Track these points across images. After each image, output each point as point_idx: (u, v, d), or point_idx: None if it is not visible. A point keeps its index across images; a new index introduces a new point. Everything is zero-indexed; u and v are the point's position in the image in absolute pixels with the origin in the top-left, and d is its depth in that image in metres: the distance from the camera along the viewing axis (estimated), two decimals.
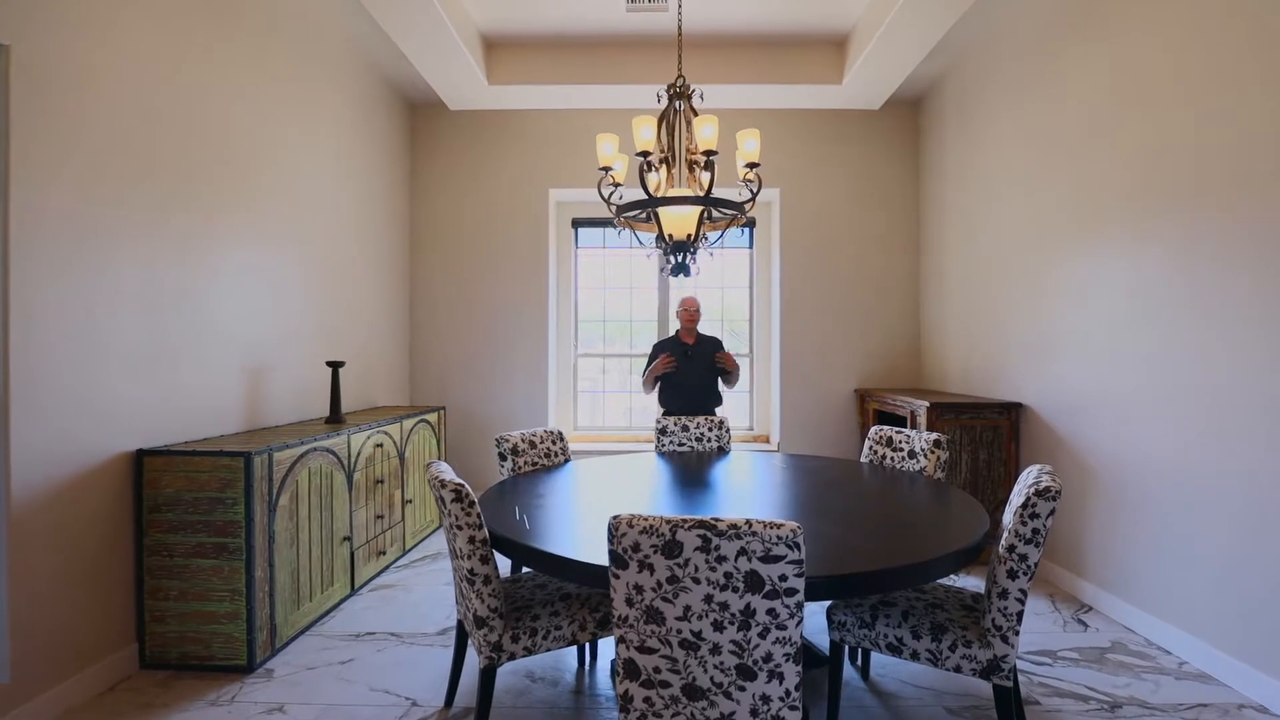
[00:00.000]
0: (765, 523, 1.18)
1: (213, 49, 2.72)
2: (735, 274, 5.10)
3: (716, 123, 2.08)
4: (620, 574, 1.26)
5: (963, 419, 3.42)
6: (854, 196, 4.66)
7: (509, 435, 2.67)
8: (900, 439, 2.70)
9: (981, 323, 3.82)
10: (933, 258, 4.46)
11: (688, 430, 3.27)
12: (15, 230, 1.93)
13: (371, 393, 4.24)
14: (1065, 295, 3.05)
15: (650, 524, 1.22)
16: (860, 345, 4.68)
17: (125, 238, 2.29)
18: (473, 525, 1.67)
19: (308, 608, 2.66)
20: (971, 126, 3.90)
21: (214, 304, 2.75)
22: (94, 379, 2.18)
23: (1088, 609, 2.84)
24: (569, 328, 5.08)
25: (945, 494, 2.17)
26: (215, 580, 2.32)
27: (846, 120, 4.63)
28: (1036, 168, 3.27)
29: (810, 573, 1.36)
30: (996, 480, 3.44)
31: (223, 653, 2.32)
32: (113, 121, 2.26)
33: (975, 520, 1.80)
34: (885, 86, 4.18)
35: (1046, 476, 1.62)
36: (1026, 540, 1.55)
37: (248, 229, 2.97)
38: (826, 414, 4.68)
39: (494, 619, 1.72)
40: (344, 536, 2.96)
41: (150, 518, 2.33)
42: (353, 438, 3.04)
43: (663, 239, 2.29)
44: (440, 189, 4.77)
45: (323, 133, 3.60)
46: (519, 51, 4.16)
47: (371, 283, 4.24)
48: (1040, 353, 3.25)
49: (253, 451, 2.31)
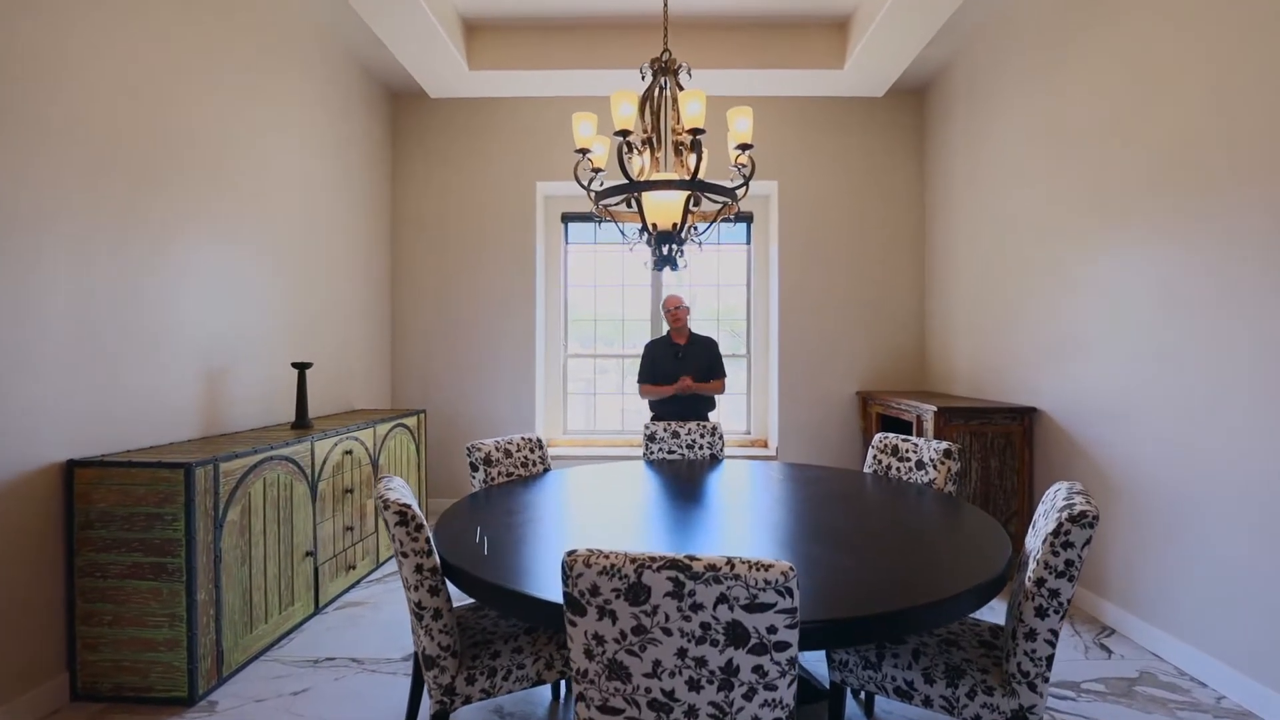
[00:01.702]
0: (750, 563, 0.97)
1: (169, 32, 2.51)
2: (732, 271, 4.88)
3: (704, 98, 1.86)
4: (577, 621, 1.05)
5: (973, 424, 3.20)
6: (856, 189, 4.44)
7: (481, 443, 2.45)
8: (907, 448, 2.48)
9: (992, 321, 3.60)
10: (939, 253, 4.24)
11: (678, 436, 3.06)
12: None
13: (349, 395, 4.02)
14: (1085, 291, 2.83)
15: (611, 563, 1.00)
16: (862, 345, 4.46)
17: (57, 231, 2.08)
18: (420, 552, 1.46)
19: (262, 630, 2.45)
20: (982, 114, 3.68)
21: (165, 302, 2.53)
22: (14, 383, 1.97)
23: (1110, 632, 2.62)
24: (559, 327, 4.86)
25: (958, 511, 1.95)
26: (153, 604, 2.11)
27: (848, 108, 4.41)
28: (1054, 156, 3.05)
29: (805, 616, 1.15)
30: (1009, 491, 3.22)
31: (162, 684, 2.11)
32: (59, 115, 2.05)
33: (996, 545, 1.58)
34: (889, 72, 3.96)
35: (1080, 499, 1.40)
36: (1058, 573, 1.33)
37: (206, 223, 2.75)
38: (827, 417, 4.46)
39: (445, 658, 1.50)
40: (306, 551, 2.74)
41: (82, 535, 2.12)
42: (317, 444, 2.83)
43: (646, 229, 2.08)
44: (424, 182, 4.55)
45: (292, 122, 3.38)
46: (501, 35, 3.94)
47: (349, 280, 4.03)
48: (1057, 353, 3.03)
49: (194, 463, 2.10)
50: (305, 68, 3.49)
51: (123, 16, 2.33)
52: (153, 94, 2.46)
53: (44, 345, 2.05)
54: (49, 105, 2.06)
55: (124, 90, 2.34)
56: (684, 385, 3.49)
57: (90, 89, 2.20)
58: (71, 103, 2.14)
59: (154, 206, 2.48)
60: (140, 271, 2.41)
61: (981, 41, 3.64)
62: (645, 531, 1.87)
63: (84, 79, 2.18)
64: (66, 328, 2.13)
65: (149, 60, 2.45)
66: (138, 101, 2.40)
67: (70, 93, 2.13)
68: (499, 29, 3.93)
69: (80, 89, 2.17)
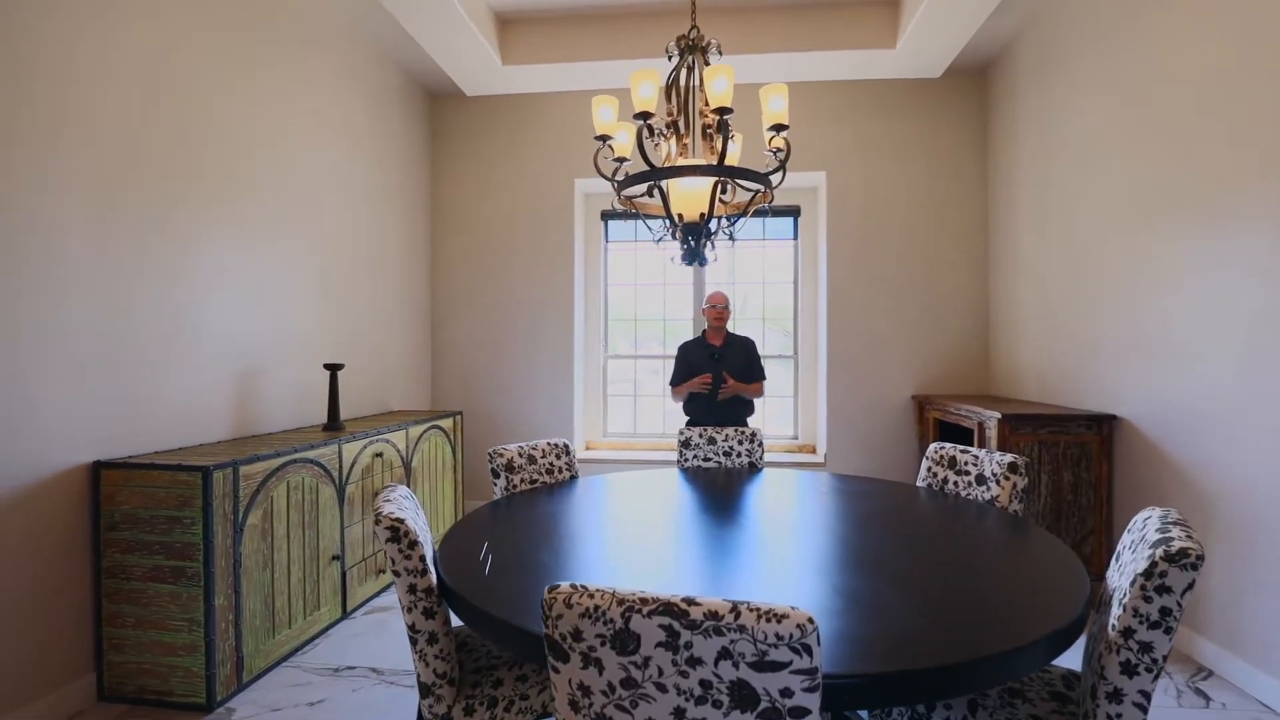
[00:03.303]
0: (760, 611, 0.80)
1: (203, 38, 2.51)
2: (778, 268, 4.65)
3: (732, 74, 1.68)
4: (560, 668, 0.91)
5: (1042, 433, 2.89)
6: (911, 178, 4.14)
7: (504, 449, 2.34)
8: (966, 460, 2.23)
9: (1065, 319, 3.25)
10: (1005, 245, 3.90)
11: (714, 443, 2.88)
12: None
13: (389, 396, 4.02)
14: (1179, 283, 2.49)
15: (595, 604, 0.85)
16: (919, 345, 4.15)
17: (84, 234, 2.09)
18: (413, 571, 1.35)
19: (285, 635, 2.42)
20: (1053, 92, 3.34)
21: (198, 304, 2.54)
22: (42, 385, 1.98)
23: (1207, 675, 2.29)
24: (598, 328, 4.74)
25: (1026, 535, 1.71)
26: (173, 608, 2.09)
27: (901, 92, 4.11)
28: (1141, 132, 2.71)
29: (836, 668, 0.97)
30: (1084, 508, 2.89)
31: (181, 688, 2.09)
32: (89, 117, 2.06)
33: (1072, 581, 1.35)
34: (946, 50, 3.65)
35: (1179, 531, 1.16)
36: (1151, 623, 1.10)
37: (241, 225, 2.76)
38: (880, 423, 4.17)
39: (441, 686, 1.39)
40: (333, 555, 2.71)
41: (108, 536, 2.12)
42: (345, 447, 2.80)
43: (671, 220, 1.92)
44: (462, 182, 4.52)
45: (329, 124, 3.38)
46: (534, 27, 3.85)
47: (389, 282, 4.02)
48: (1142, 354, 2.69)
49: (211, 466, 2.07)
50: (343, 70, 3.49)
51: (161, 21, 2.34)
52: (185, 97, 2.47)
53: (71, 348, 2.07)
54: (77, 109, 2.07)
55: (155, 93, 2.35)
56: (706, 379, 3.29)
57: (124, 93, 2.21)
58: (101, 107, 2.15)
59: (184, 210, 2.48)
60: (170, 274, 2.42)
61: (1051, 10, 3.31)
62: (666, 553, 1.71)
63: (117, 83, 2.19)
64: (94, 330, 2.14)
65: (181, 63, 2.46)
66: (169, 104, 2.40)
67: (101, 97, 2.14)
68: (531, 21, 3.84)
69: (111, 93, 2.18)
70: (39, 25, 1.96)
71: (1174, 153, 2.51)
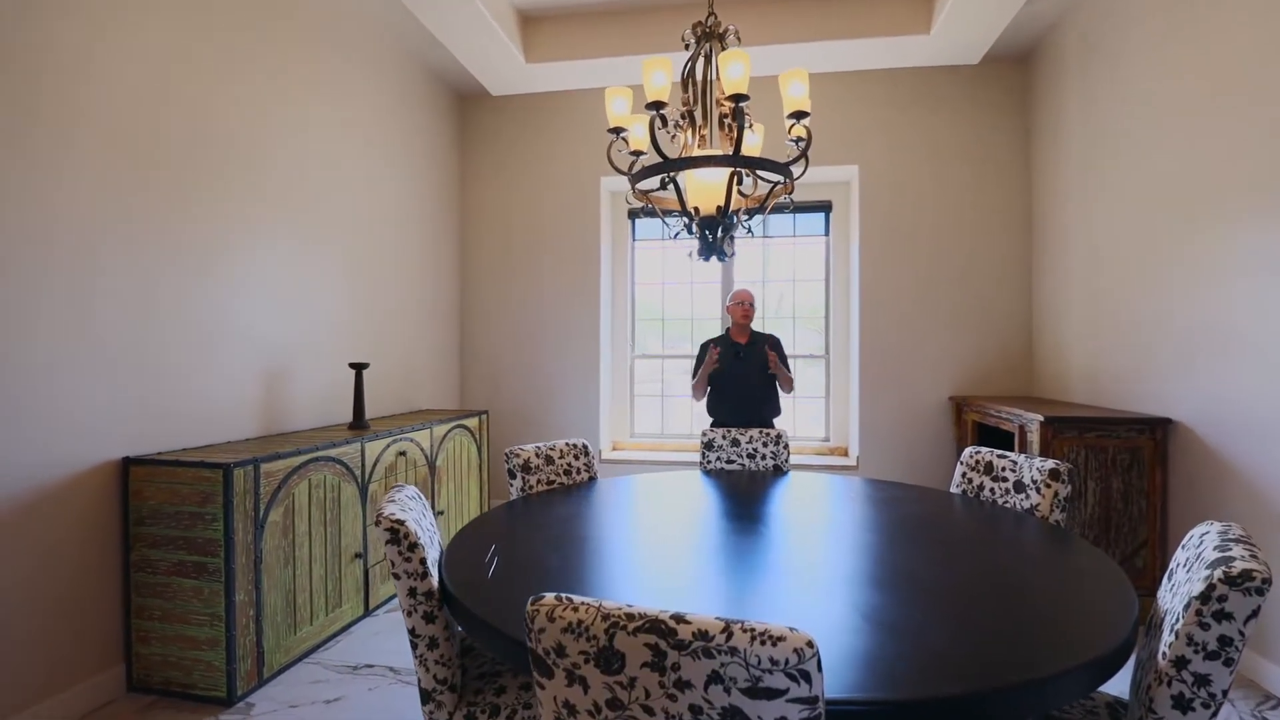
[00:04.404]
0: (754, 632, 0.73)
1: (228, 38, 2.56)
2: (809, 265, 4.52)
3: (747, 59, 1.61)
4: (545, 684, 0.85)
5: (1088, 437, 2.72)
6: (948, 170, 3.96)
7: (520, 449, 2.31)
8: (1004, 466, 2.10)
9: (1116, 316, 3.06)
10: (1050, 239, 3.70)
11: (738, 445, 2.80)
12: None
13: (417, 396, 4.05)
14: (1241, 278, 2.30)
15: (579, 619, 0.80)
16: (957, 344, 3.98)
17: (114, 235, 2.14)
18: (413, 574, 1.32)
19: (307, 632, 2.43)
20: (1102, 75, 3.14)
21: (226, 304, 2.58)
22: (74, 384, 2.03)
23: (1275, 703, 2.11)
24: (625, 327, 4.70)
25: (1067, 549, 1.59)
26: (196, 602, 2.12)
27: (937, 80, 3.94)
28: (1198, 119, 2.52)
29: (849, 693, 0.89)
30: (1135, 517, 2.71)
31: (204, 682, 2.12)
32: (112, 115, 2.11)
33: (1117, 601, 1.23)
34: (985, 35, 3.48)
35: (1241, 550, 1.04)
36: (1209, 653, 0.98)
37: (268, 226, 2.81)
38: (915, 425, 4.01)
39: (442, 693, 1.35)
40: (355, 553, 2.73)
41: (136, 530, 2.17)
42: (368, 445, 2.81)
43: (687, 214, 1.85)
44: (490, 182, 4.53)
45: (358, 125, 3.42)
46: (557, 24, 3.82)
47: (418, 282, 4.05)
48: (1201, 353, 2.50)
49: (232, 463, 2.09)
50: (370, 71, 3.53)
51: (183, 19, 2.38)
52: (211, 98, 2.51)
53: (102, 348, 2.11)
54: (109, 111, 2.12)
55: (183, 95, 2.39)
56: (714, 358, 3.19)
57: (150, 94, 2.26)
58: (129, 109, 2.20)
59: (211, 211, 2.52)
60: (197, 275, 2.46)
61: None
62: (677, 560, 1.65)
63: (142, 84, 2.24)
64: (123, 331, 2.18)
65: (206, 63, 2.50)
66: (195, 105, 2.45)
67: (128, 98, 2.19)
68: (555, 19, 3.81)
69: (140, 94, 2.22)
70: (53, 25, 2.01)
71: (1234, 141, 2.32)
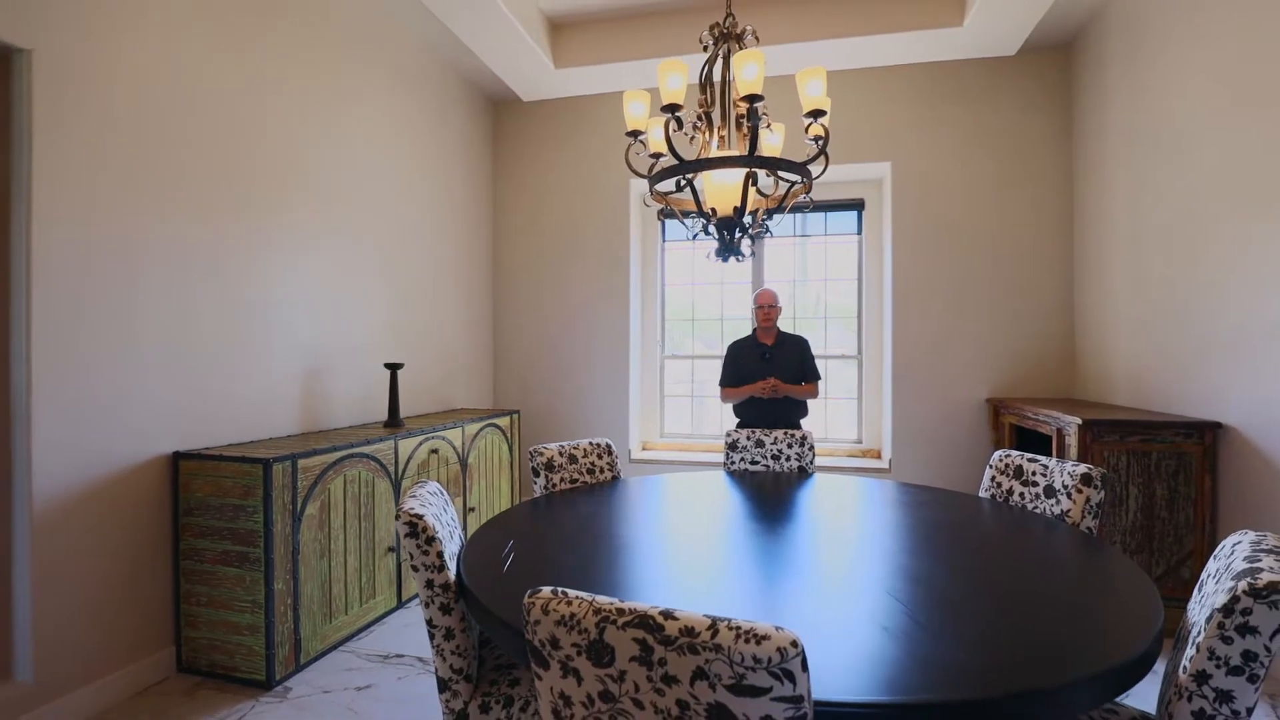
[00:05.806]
0: (740, 630, 0.74)
1: (265, 40, 2.69)
2: (841, 264, 4.46)
3: (762, 59, 1.61)
4: (542, 675, 0.88)
5: (1130, 442, 2.61)
6: (985, 166, 3.85)
7: (544, 447, 2.36)
8: (1034, 470, 2.04)
9: (1163, 315, 2.93)
10: (1093, 236, 3.56)
11: (762, 446, 2.79)
12: (37, 235, 1.93)
13: (453, 395, 4.16)
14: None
15: (571, 612, 0.82)
16: (994, 345, 3.86)
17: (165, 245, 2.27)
18: (431, 566, 1.37)
19: (341, 621, 2.54)
20: (1149, 66, 3.01)
21: (268, 307, 2.71)
22: (128, 384, 2.17)
23: None
24: (655, 327, 4.72)
25: (1095, 556, 1.54)
26: (238, 590, 2.24)
27: (972, 73, 3.83)
28: (1251, 109, 2.40)
29: (848, 695, 0.89)
30: (1181, 526, 2.59)
31: (245, 665, 2.24)
32: (147, 123, 2.24)
33: (1141, 610, 1.19)
34: (1022, 24, 3.37)
35: (1272, 560, 1.00)
36: (1232, 668, 0.95)
37: (307, 230, 2.93)
38: (951, 427, 3.91)
39: (458, 682, 1.40)
40: (389, 547, 2.82)
41: (184, 521, 2.30)
42: (401, 443, 2.91)
43: (704, 215, 1.86)
44: (522, 185, 4.62)
45: (393, 131, 3.54)
46: (586, 29, 3.86)
47: (453, 283, 4.16)
48: (1255, 354, 2.38)
49: (271, 459, 2.20)
50: (406, 80, 3.64)
51: (219, 26, 2.51)
52: (246, 107, 2.64)
53: (154, 350, 2.25)
54: (141, 123, 2.26)
55: (228, 108, 2.52)
56: (769, 384, 3.19)
57: (197, 107, 2.39)
58: (175, 122, 2.33)
59: (251, 215, 2.65)
60: (240, 284, 2.59)
61: None
62: (693, 561, 1.66)
63: (191, 96, 2.37)
64: (174, 334, 2.32)
65: (242, 68, 2.62)
66: (243, 118, 2.57)
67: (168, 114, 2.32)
68: (583, 24, 3.86)
69: (186, 108, 2.36)
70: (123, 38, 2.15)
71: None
